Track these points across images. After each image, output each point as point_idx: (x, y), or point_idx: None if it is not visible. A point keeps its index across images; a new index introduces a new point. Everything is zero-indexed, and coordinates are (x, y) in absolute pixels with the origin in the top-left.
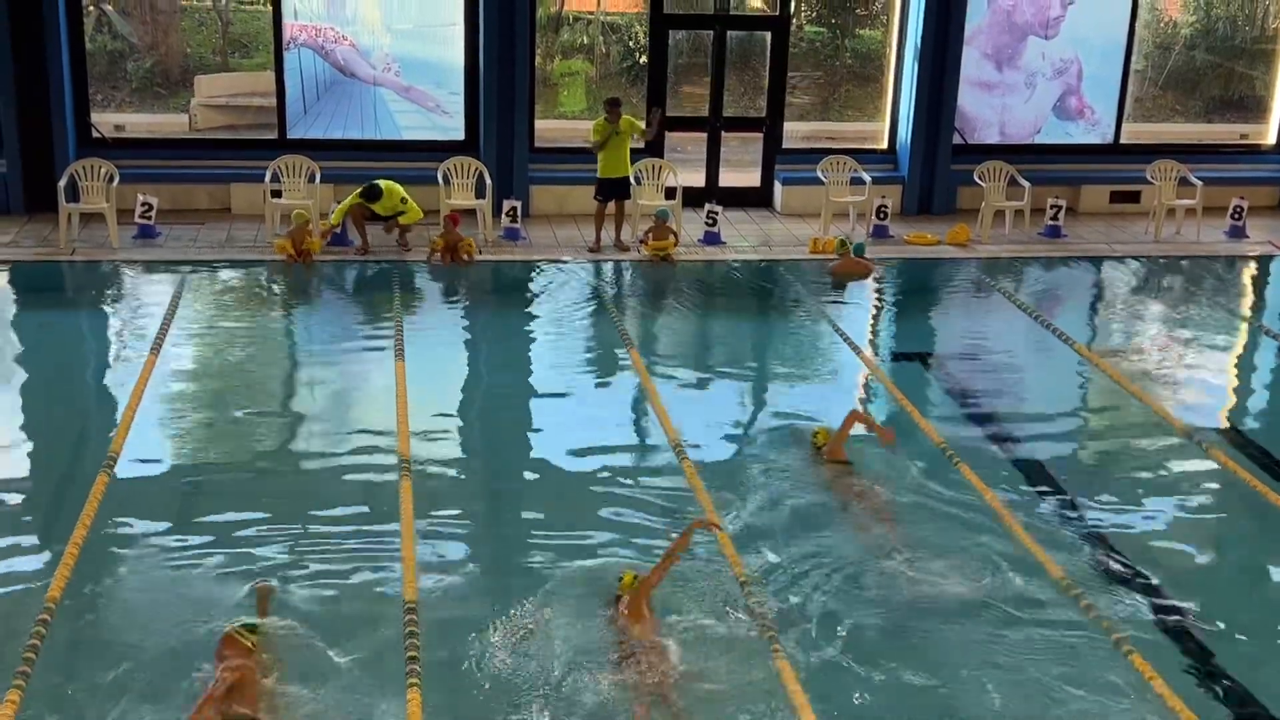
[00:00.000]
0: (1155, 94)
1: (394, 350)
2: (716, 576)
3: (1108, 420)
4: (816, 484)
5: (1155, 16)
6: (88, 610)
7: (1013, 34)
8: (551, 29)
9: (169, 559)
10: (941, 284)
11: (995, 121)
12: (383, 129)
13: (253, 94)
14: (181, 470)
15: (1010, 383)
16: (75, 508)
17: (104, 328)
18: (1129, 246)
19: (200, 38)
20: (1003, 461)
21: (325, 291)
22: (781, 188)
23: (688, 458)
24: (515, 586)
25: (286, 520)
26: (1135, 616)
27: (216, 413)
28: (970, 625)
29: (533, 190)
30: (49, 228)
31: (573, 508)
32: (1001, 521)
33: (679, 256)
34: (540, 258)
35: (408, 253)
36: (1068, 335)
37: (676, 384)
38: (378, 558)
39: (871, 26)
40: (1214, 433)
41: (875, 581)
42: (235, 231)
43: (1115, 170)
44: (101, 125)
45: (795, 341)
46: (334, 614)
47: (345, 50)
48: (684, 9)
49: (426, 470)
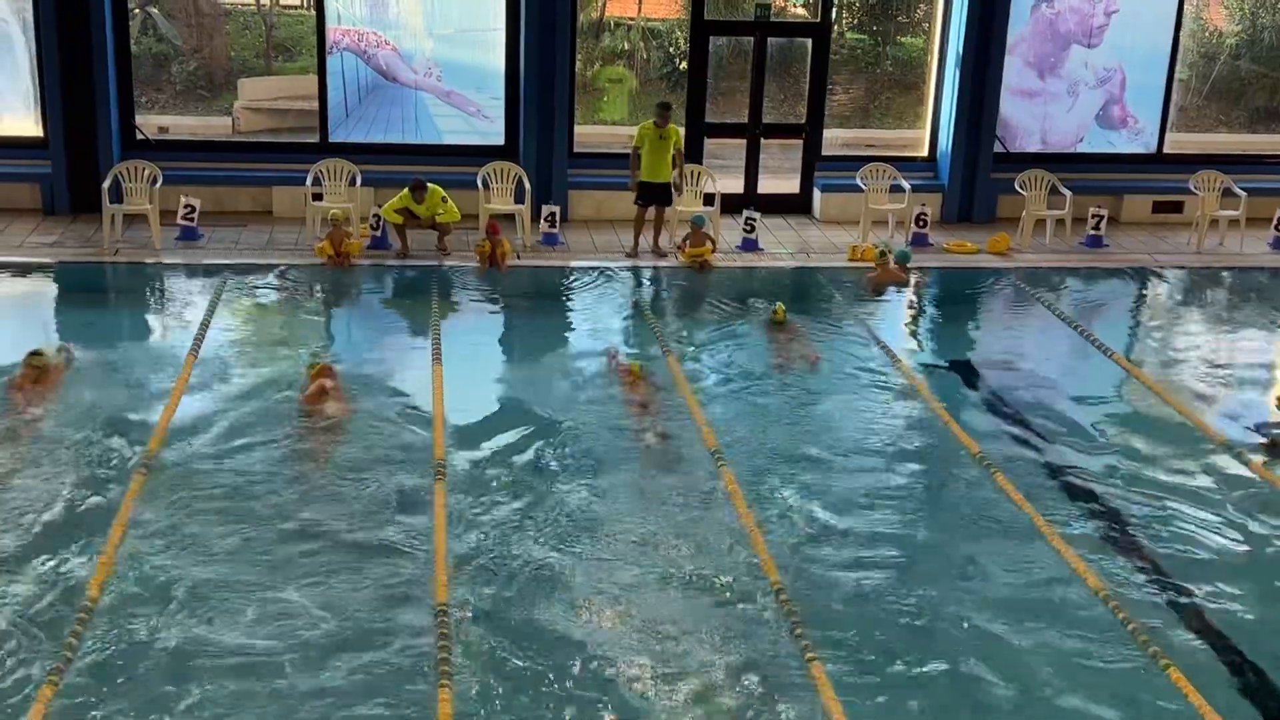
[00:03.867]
0: (1199, 104)
1: (431, 354)
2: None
3: (1146, 431)
4: (867, 494)
5: (1200, 26)
6: (126, 609)
7: (1055, 42)
8: (592, 35)
9: (205, 558)
10: (981, 292)
11: (1037, 130)
12: (423, 133)
13: (295, 97)
14: (218, 471)
15: (1048, 392)
16: (113, 507)
17: (145, 328)
18: (1171, 257)
19: (244, 41)
20: (1039, 471)
21: (364, 294)
22: (820, 195)
23: (726, 464)
24: (553, 589)
25: (322, 520)
26: (1170, 625)
27: (254, 415)
28: (1002, 632)
29: (571, 195)
30: (93, 228)
31: (609, 510)
32: (1038, 529)
33: (716, 263)
34: (578, 263)
35: (447, 257)
36: (1107, 346)
37: (712, 390)
38: (412, 558)
39: (913, 34)
40: (1252, 443)
41: (913, 584)
42: (277, 234)
43: (1158, 180)
44: (145, 127)
45: (831, 348)
46: (366, 612)
47: (387, 54)
48: (725, 15)
49: (460, 472)
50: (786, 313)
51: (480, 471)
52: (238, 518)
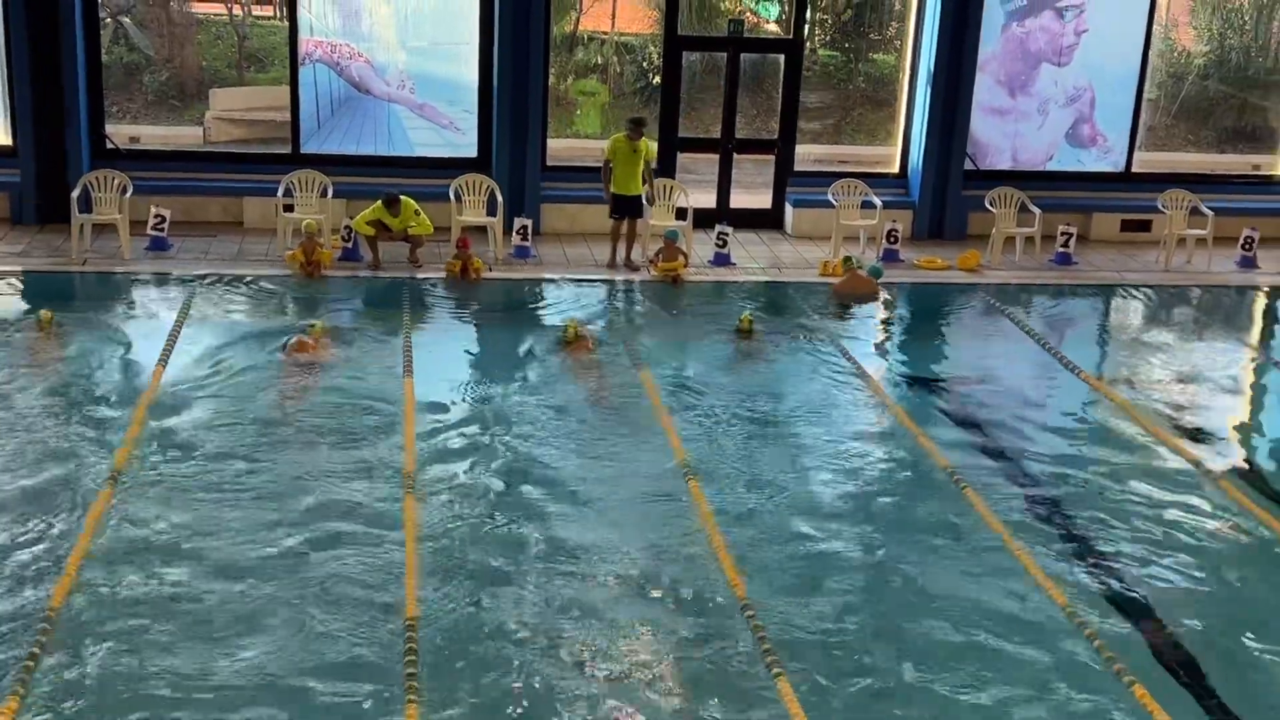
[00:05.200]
0: (1168, 123)
1: (402, 365)
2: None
3: (1113, 448)
4: (837, 512)
5: (1169, 46)
6: (88, 623)
7: (1026, 61)
8: (566, 48)
9: (171, 571)
10: (951, 309)
11: (1007, 148)
12: (396, 145)
13: (267, 108)
14: (185, 485)
15: (1016, 408)
16: (78, 520)
17: (112, 338)
18: (1139, 275)
19: (216, 51)
20: (1008, 487)
21: (335, 306)
22: (792, 210)
23: (695, 478)
24: (522, 601)
25: (290, 534)
26: (1137, 645)
27: (223, 426)
28: (968, 648)
29: (544, 208)
30: (61, 238)
31: (580, 524)
32: (1006, 545)
33: (688, 277)
34: (550, 275)
35: (418, 268)
36: (1075, 363)
37: (685, 403)
38: (380, 571)
39: (885, 51)
40: (1221, 462)
41: (874, 601)
42: (247, 245)
43: (1126, 199)
44: (116, 137)
45: (801, 364)
46: (332, 630)
47: (360, 66)
48: (698, 31)
49: (430, 485)
50: (753, 322)
51: (449, 483)
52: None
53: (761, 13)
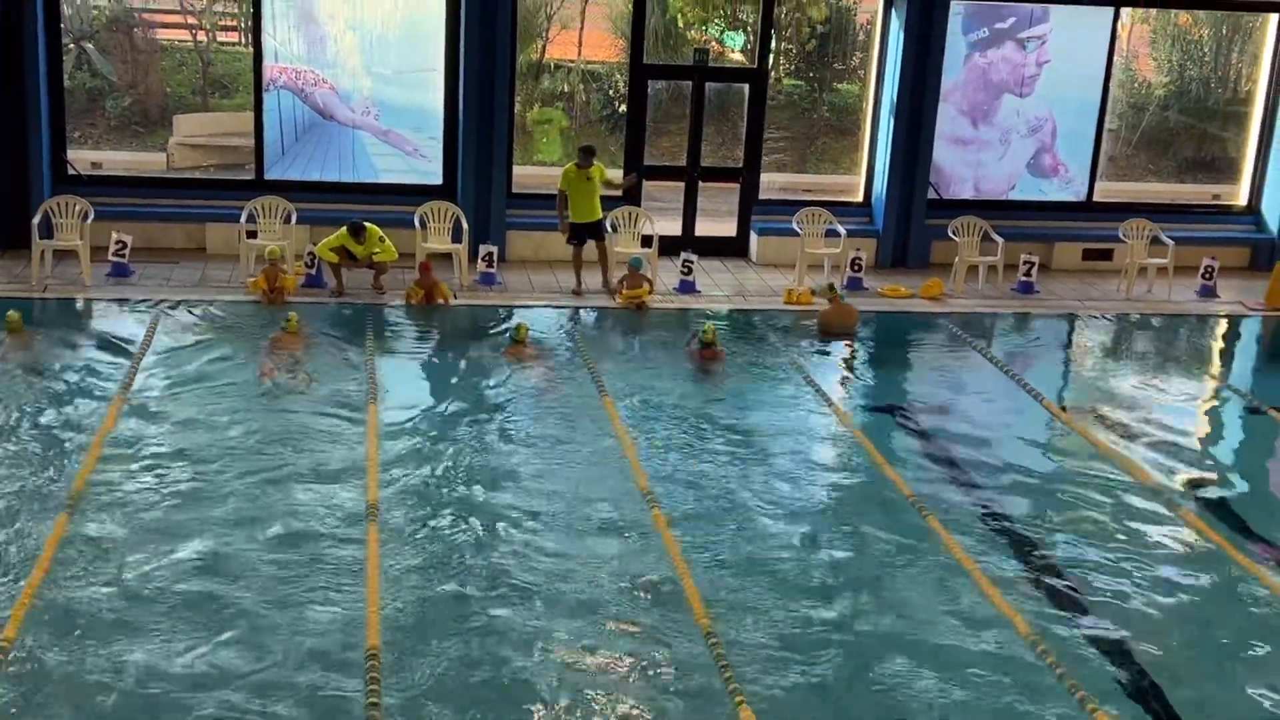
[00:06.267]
0: (1128, 153)
1: (367, 392)
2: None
3: (1075, 476)
4: (794, 544)
5: (1129, 77)
6: (41, 652)
7: (988, 91)
8: (532, 76)
9: (128, 601)
10: (914, 337)
11: (970, 177)
12: (360, 172)
13: (231, 134)
14: (144, 511)
15: (979, 435)
16: (34, 548)
17: (72, 365)
18: (1101, 304)
19: (180, 77)
20: (970, 514)
21: (298, 332)
22: (757, 238)
23: (658, 507)
24: (485, 631)
25: (250, 563)
26: (1099, 672)
27: (182, 453)
28: (931, 676)
29: (509, 235)
30: (21, 264)
31: (545, 553)
32: (968, 573)
33: (654, 304)
34: (516, 303)
35: (382, 294)
36: (1038, 391)
37: (649, 432)
38: (342, 602)
39: (849, 81)
40: (1180, 489)
41: (843, 626)
42: (210, 271)
43: (1088, 228)
44: (79, 162)
45: (767, 392)
46: (297, 657)
47: (325, 93)
48: (664, 59)
49: (394, 515)
50: (717, 333)
51: (414, 513)
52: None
53: (726, 42)
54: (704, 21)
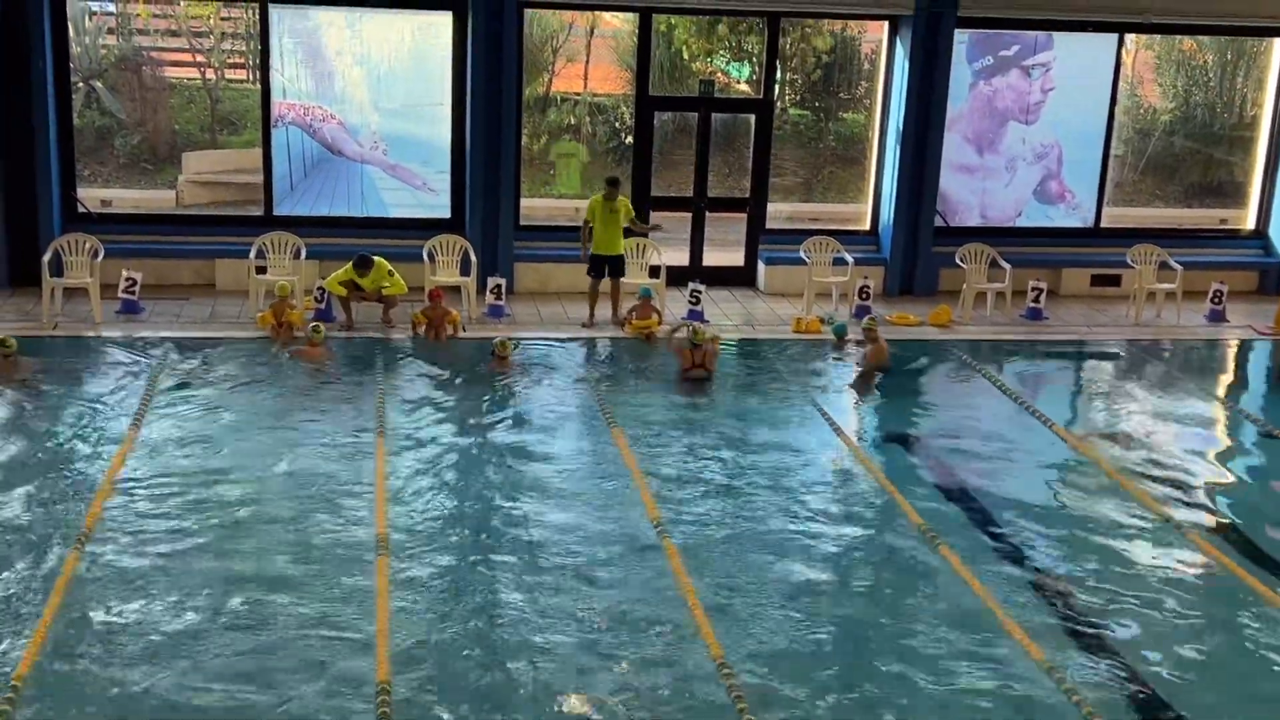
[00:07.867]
0: (1135, 179)
1: (375, 427)
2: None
3: (1087, 503)
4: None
5: (1135, 103)
6: (54, 690)
7: (994, 119)
8: (539, 109)
9: (139, 638)
10: (923, 365)
11: (976, 204)
12: (369, 206)
13: (240, 171)
14: (155, 548)
15: (991, 465)
16: (46, 585)
17: (83, 402)
18: (1109, 329)
19: (189, 115)
20: (983, 544)
21: (308, 366)
22: (765, 267)
23: (670, 538)
24: (495, 665)
25: (259, 599)
26: (1113, 698)
27: (193, 490)
28: (944, 704)
29: (517, 268)
30: (32, 302)
31: (553, 587)
32: (982, 602)
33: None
34: (524, 334)
35: (392, 329)
36: (1048, 417)
37: (658, 461)
38: (352, 636)
39: (854, 110)
40: (1192, 516)
41: (853, 654)
42: (219, 307)
43: (1096, 254)
44: (88, 200)
45: (778, 421)
46: (307, 692)
47: (333, 129)
48: (669, 91)
49: (404, 548)
50: (704, 333)
51: (423, 546)
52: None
53: (732, 73)
54: (709, 53)
